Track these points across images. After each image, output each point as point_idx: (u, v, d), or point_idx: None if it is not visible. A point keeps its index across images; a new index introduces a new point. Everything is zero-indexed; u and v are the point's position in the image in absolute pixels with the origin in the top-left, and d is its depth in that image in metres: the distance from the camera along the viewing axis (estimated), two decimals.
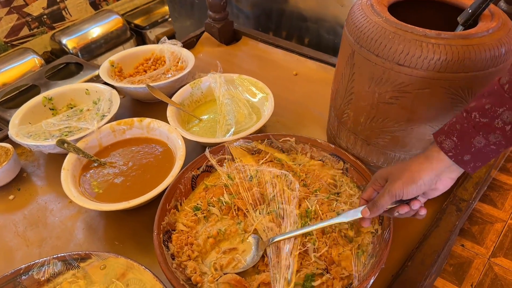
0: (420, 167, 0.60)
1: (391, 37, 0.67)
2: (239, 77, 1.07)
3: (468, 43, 0.65)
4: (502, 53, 0.66)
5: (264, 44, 1.36)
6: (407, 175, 0.60)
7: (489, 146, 0.55)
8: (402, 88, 0.69)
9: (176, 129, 0.93)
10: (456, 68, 0.65)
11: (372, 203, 0.64)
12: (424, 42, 0.65)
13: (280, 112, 1.08)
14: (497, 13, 0.72)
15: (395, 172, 0.62)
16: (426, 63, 0.65)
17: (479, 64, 0.65)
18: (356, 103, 0.78)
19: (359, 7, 0.75)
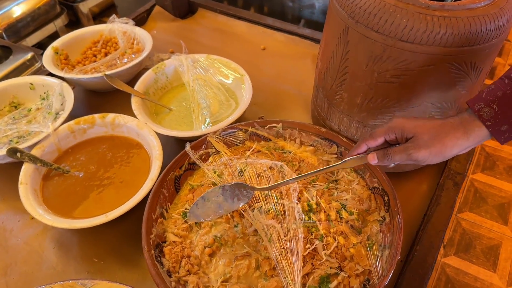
0: (456, 142, 0.54)
1: (392, 11, 0.61)
2: (207, 57, 0.97)
3: (473, 14, 0.60)
4: (505, 22, 0.62)
5: (224, 16, 1.25)
6: (439, 147, 0.54)
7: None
8: (404, 66, 0.64)
9: (147, 124, 0.82)
10: (462, 41, 0.60)
11: (383, 153, 0.58)
12: (428, 15, 0.60)
13: (254, 93, 1.00)
14: None
15: (424, 136, 0.55)
16: (432, 38, 0.60)
17: (484, 36, 0.61)
18: (351, 83, 0.72)
19: None
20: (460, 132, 0.55)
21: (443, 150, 0.55)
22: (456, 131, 0.55)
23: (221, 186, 0.65)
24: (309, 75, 1.06)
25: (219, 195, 0.66)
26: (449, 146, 0.54)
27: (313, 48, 1.13)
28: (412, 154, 0.55)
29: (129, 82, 1.00)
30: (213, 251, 0.66)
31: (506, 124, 0.52)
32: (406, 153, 0.56)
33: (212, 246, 0.67)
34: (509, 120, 0.52)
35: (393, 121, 0.59)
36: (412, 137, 0.56)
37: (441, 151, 0.55)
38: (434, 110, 0.69)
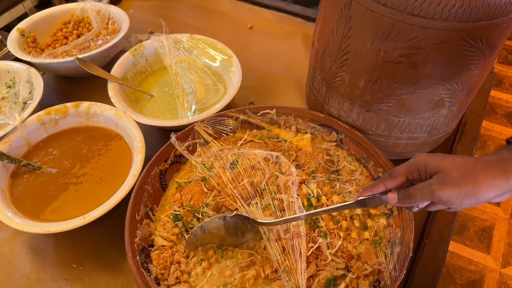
0: (492, 182, 0.46)
1: None
2: (191, 37, 0.89)
3: None
4: None
5: None
6: (470, 186, 0.46)
7: None
8: (415, 44, 0.57)
9: (126, 112, 0.74)
10: (480, 15, 0.54)
11: (405, 193, 0.51)
12: None
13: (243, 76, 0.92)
14: None
15: (452, 172, 0.47)
16: (446, 11, 0.53)
17: (503, 8, 0.54)
18: (353, 64, 0.65)
19: None
20: (497, 171, 0.46)
21: (476, 191, 0.46)
22: (493, 170, 0.46)
23: (222, 217, 0.59)
24: (301, 56, 0.99)
25: (221, 227, 0.59)
26: (483, 186, 0.46)
27: (304, 26, 1.05)
28: (435, 191, 0.47)
29: (105, 66, 0.91)
30: (210, 264, 0.60)
31: None
32: (429, 191, 0.48)
33: (210, 259, 0.60)
34: None
35: (416, 157, 0.51)
36: (437, 172, 0.48)
37: (474, 191, 0.46)
38: (444, 92, 0.63)
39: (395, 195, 0.52)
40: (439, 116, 0.68)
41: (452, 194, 0.46)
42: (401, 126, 0.69)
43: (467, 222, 1.51)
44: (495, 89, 1.98)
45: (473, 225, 1.51)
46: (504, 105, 1.90)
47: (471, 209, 1.54)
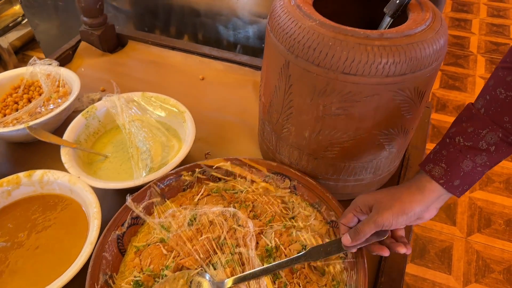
0: (412, 198, 0.57)
1: (332, 44, 0.59)
2: (143, 95, 0.91)
3: (412, 40, 0.60)
4: (442, 45, 0.62)
5: (157, 47, 1.19)
6: (398, 206, 0.57)
7: (476, 168, 0.55)
8: (349, 98, 0.62)
9: (80, 177, 0.74)
10: (404, 69, 0.59)
11: (354, 230, 0.60)
12: (368, 46, 0.58)
13: (197, 127, 0.95)
14: (424, 1, 0.68)
15: (383, 200, 0.58)
16: (374, 68, 0.58)
17: (424, 61, 0.60)
18: (297, 117, 0.69)
19: (284, 10, 0.65)
20: (413, 189, 0.58)
21: (403, 207, 0.57)
22: (410, 189, 0.58)
23: None
24: (252, 103, 1.03)
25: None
26: (407, 203, 0.57)
27: (253, 74, 1.10)
28: (377, 219, 0.57)
29: (58, 128, 0.91)
30: None
31: (457, 179, 0.56)
32: (372, 221, 0.58)
33: None
34: (459, 175, 0.56)
35: (356, 199, 0.63)
36: (373, 205, 0.59)
37: (402, 208, 0.57)
38: (382, 137, 0.68)
39: (346, 235, 0.60)
40: (381, 158, 0.72)
41: (388, 216, 0.57)
42: (347, 170, 0.73)
43: (427, 244, 1.57)
44: (440, 113, 2.10)
45: (433, 247, 1.57)
46: None
47: (429, 232, 1.61)
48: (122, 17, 1.32)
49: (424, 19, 0.63)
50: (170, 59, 1.17)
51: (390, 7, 0.68)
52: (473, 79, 2.31)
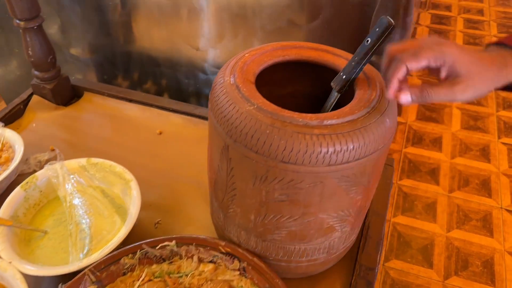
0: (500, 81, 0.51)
1: (269, 132, 0.55)
2: (87, 162, 0.86)
3: (355, 127, 0.56)
4: (388, 128, 0.59)
5: (113, 99, 1.14)
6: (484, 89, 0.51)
7: None
8: (292, 185, 0.58)
9: (11, 263, 0.68)
10: (347, 158, 0.55)
11: (421, 90, 0.52)
12: (307, 135, 0.54)
13: (148, 190, 0.89)
14: (372, 76, 0.65)
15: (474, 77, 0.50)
16: (314, 158, 0.54)
17: (369, 147, 0.57)
18: (241, 200, 0.64)
19: (223, 90, 0.61)
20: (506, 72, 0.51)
21: (488, 90, 0.51)
22: (504, 70, 0.51)
23: None
24: None
25: None
26: (493, 85, 0.52)
27: None
28: (457, 96, 0.50)
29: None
30: None
31: None
32: (451, 94, 0.51)
33: None
34: None
35: (447, 49, 0.51)
36: (461, 77, 0.50)
37: (486, 91, 0.51)
38: (331, 220, 0.64)
39: (408, 93, 0.53)
40: (333, 239, 0.68)
41: (469, 97, 0.50)
42: (298, 252, 0.68)
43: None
44: (416, 146, 2.09)
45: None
46: (426, 162, 2.00)
47: (406, 275, 1.56)
48: (81, 66, 1.28)
49: (369, 100, 0.60)
50: (127, 112, 1.12)
51: (337, 82, 0.65)
52: (450, 110, 2.30)
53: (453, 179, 1.92)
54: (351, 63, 0.62)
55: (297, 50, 0.71)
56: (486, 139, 2.13)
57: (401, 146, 2.08)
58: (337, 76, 0.65)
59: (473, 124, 2.22)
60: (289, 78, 0.77)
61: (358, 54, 0.61)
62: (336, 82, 0.65)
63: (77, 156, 0.88)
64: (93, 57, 1.26)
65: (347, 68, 0.63)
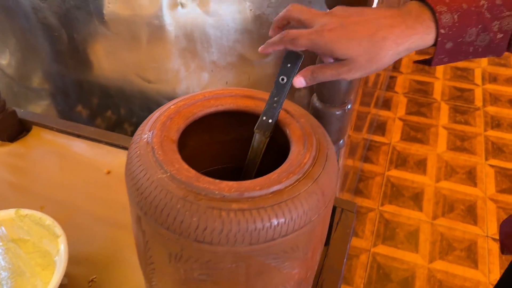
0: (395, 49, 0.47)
1: (180, 207, 0.48)
2: (16, 213, 0.78)
3: (281, 198, 0.48)
4: (321, 196, 0.51)
5: (63, 134, 1.07)
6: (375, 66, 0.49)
7: (471, 46, 0.48)
8: (211, 266, 0.50)
9: None
10: (271, 235, 0.48)
11: (312, 74, 0.52)
12: (223, 211, 0.47)
13: (88, 240, 0.82)
14: (309, 132, 0.57)
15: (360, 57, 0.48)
16: (232, 237, 0.47)
17: (298, 222, 0.49)
18: (160, 275, 0.57)
19: (137, 152, 0.54)
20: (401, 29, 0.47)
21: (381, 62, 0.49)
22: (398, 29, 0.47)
23: None
24: None
25: None
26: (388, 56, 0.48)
27: None
28: (344, 77, 0.50)
29: None
30: None
31: (451, 42, 0.48)
32: (337, 75, 0.51)
33: None
34: (457, 39, 0.47)
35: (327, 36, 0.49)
36: (345, 61, 0.49)
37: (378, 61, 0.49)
38: None
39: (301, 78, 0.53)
40: None
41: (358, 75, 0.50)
42: None
43: None
44: (400, 168, 2.01)
45: None
46: (410, 186, 1.93)
47: None
48: (33, 96, 1.21)
49: (302, 163, 0.52)
50: (76, 149, 1.05)
51: (261, 127, 0.59)
52: (435, 130, 2.23)
53: (437, 205, 1.84)
54: (272, 104, 0.57)
55: (232, 99, 0.64)
56: (473, 161, 2.06)
57: (384, 168, 2.01)
58: (259, 120, 0.59)
59: (459, 144, 2.14)
60: (232, 123, 0.70)
61: (276, 94, 0.56)
62: (262, 128, 0.59)
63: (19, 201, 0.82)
64: (46, 88, 1.19)
65: (269, 111, 0.58)
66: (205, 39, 0.86)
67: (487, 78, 2.59)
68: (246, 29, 0.81)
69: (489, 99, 2.46)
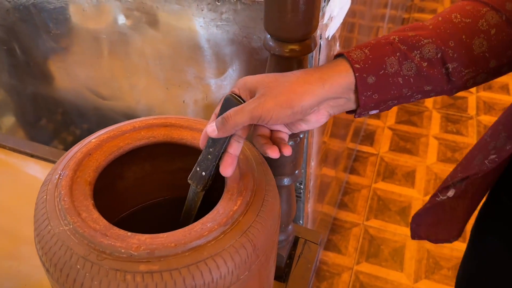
0: (308, 87, 0.44)
1: (80, 268, 0.41)
2: None
3: (199, 257, 0.42)
4: (252, 249, 0.44)
5: (16, 153, 1.00)
6: (286, 96, 0.44)
7: (398, 76, 0.45)
8: None
9: None
10: None
11: (222, 119, 0.45)
12: (128, 273, 0.40)
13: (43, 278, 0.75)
14: (245, 172, 0.50)
15: (270, 85, 0.45)
16: None
17: (224, 282, 0.42)
18: None
19: (44, 197, 0.48)
20: (315, 75, 0.45)
21: (291, 99, 0.44)
22: (309, 74, 0.45)
23: None
24: None
25: None
26: (299, 93, 0.44)
27: None
28: (254, 108, 0.43)
29: None
30: None
31: (374, 75, 0.44)
32: (248, 110, 0.44)
33: None
34: (378, 71, 0.44)
35: (239, 81, 0.48)
36: (257, 89, 0.46)
37: (289, 99, 0.44)
38: None
39: (213, 126, 0.45)
40: None
41: (270, 107, 0.43)
42: None
43: None
44: (387, 181, 1.94)
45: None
46: (397, 199, 1.85)
47: None
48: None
49: (231, 212, 0.45)
50: (29, 170, 0.98)
51: (196, 179, 0.51)
52: (426, 140, 2.16)
53: None
54: (207, 156, 0.49)
55: (166, 130, 0.57)
56: None
57: (370, 180, 1.93)
58: (193, 170, 0.51)
59: (450, 156, 2.07)
60: (176, 152, 0.63)
61: (212, 145, 0.48)
62: (195, 179, 0.51)
63: None
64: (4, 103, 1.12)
65: (203, 162, 0.50)
66: (157, 56, 0.80)
67: (481, 86, 2.51)
68: (198, 47, 0.75)
69: (482, 107, 2.38)
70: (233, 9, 0.68)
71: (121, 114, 0.95)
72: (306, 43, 0.51)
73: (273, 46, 0.51)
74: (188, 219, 0.55)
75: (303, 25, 0.49)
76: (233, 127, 0.45)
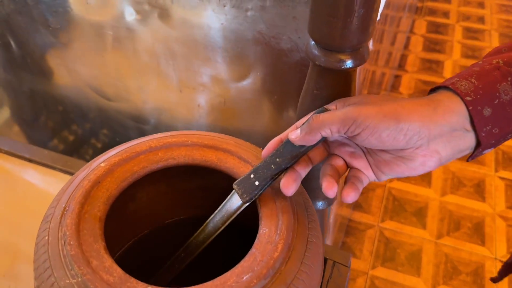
0: (417, 108, 0.37)
1: None
2: None
3: None
4: None
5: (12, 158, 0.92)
6: (391, 107, 0.37)
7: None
8: None
9: None
10: None
11: (308, 122, 0.38)
12: None
13: None
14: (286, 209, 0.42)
15: (372, 98, 0.39)
16: None
17: None
18: None
19: (45, 239, 0.39)
20: (423, 102, 0.38)
21: (400, 111, 0.37)
22: (417, 100, 0.38)
23: None
24: None
25: None
26: (407, 109, 0.37)
27: None
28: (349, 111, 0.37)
29: None
30: None
31: (489, 107, 0.37)
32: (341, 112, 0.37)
33: None
34: (492, 101, 0.37)
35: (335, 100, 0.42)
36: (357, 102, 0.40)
37: (395, 112, 0.37)
38: None
39: (297, 130, 0.39)
40: None
41: (368, 112, 0.36)
42: None
43: None
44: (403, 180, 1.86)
45: None
46: (412, 199, 1.78)
47: None
48: None
49: (270, 261, 0.37)
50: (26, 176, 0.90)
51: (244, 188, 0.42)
52: None
53: (442, 222, 1.70)
54: (270, 165, 0.41)
55: (187, 150, 0.49)
56: (482, 173, 1.90)
57: None
58: (245, 177, 0.42)
59: None
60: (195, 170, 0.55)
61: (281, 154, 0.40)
62: (244, 187, 0.42)
63: None
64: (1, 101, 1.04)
65: (262, 171, 0.41)
66: (170, 55, 0.71)
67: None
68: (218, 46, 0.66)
69: None
70: (260, 5, 0.59)
71: (127, 116, 0.87)
72: (359, 53, 0.42)
73: (318, 55, 0.43)
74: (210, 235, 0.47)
75: (358, 32, 0.40)
76: (319, 127, 0.37)
